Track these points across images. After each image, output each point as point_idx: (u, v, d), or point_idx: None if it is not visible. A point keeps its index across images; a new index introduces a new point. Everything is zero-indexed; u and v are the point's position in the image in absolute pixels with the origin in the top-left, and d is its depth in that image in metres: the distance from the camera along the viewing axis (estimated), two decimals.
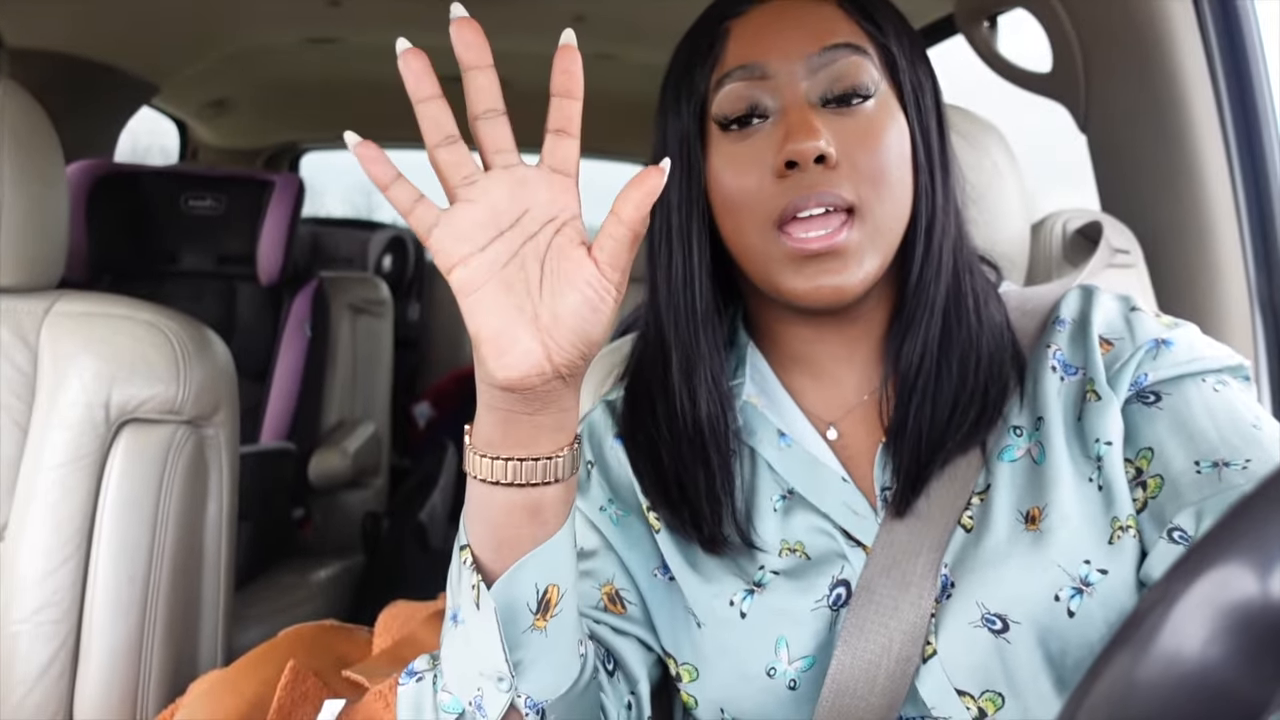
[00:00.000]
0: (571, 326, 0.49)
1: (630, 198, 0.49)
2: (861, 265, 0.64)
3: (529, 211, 0.49)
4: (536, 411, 0.52)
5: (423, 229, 0.49)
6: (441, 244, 0.49)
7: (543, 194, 0.49)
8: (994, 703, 0.62)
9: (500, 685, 0.56)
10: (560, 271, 0.49)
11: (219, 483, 1.18)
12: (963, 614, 0.62)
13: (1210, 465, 0.60)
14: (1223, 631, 0.33)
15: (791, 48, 0.66)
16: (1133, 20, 1.20)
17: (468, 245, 0.48)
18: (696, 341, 0.71)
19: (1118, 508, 0.62)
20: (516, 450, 0.53)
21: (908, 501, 0.66)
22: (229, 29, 2.22)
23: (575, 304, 0.49)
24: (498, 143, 0.49)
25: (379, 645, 1.06)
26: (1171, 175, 1.20)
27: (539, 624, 0.57)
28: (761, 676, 0.66)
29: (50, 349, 1.08)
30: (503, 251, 0.49)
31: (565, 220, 0.50)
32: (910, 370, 0.68)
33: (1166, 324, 0.68)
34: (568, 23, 0.48)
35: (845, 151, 0.64)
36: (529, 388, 0.50)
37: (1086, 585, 0.61)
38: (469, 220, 0.48)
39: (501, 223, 0.49)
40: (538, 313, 0.49)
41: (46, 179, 1.08)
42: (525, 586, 0.56)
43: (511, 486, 0.53)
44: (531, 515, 0.55)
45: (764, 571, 0.69)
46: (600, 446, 0.78)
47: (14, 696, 1.03)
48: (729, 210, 0.67)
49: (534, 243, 0.49)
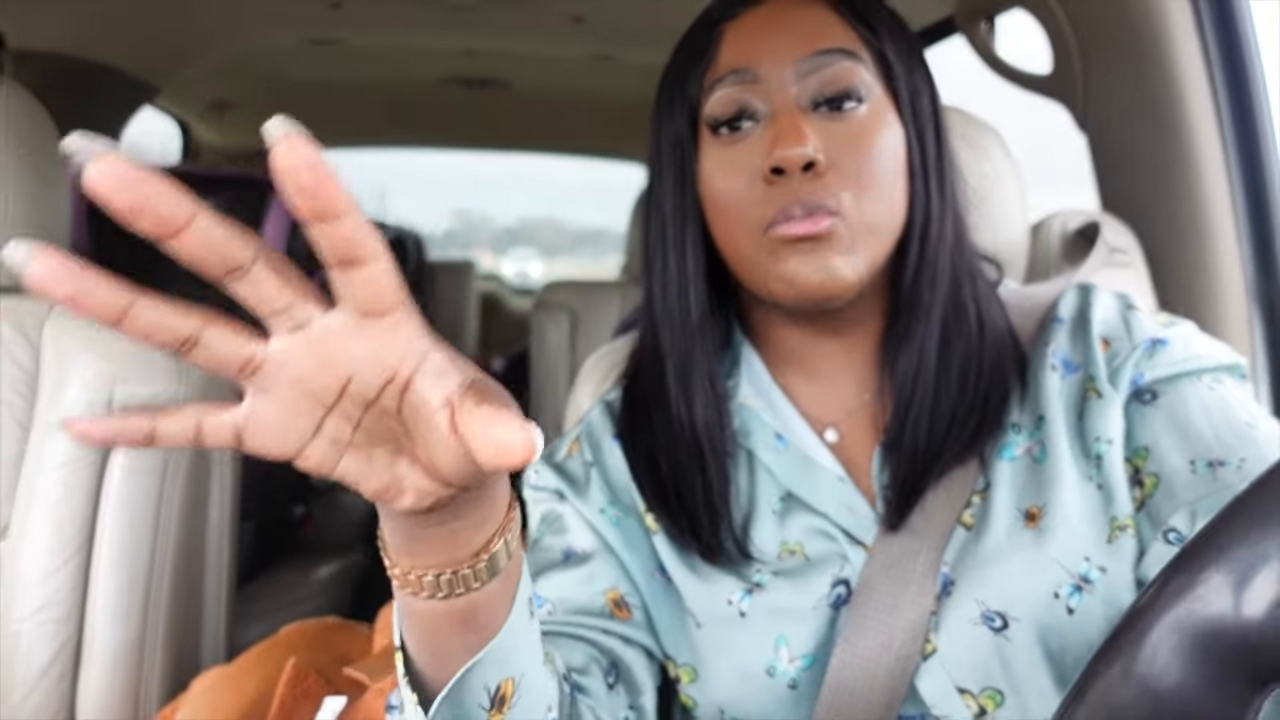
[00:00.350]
0: (459, 478, 0.38)
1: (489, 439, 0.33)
2: (848, 256, 0.63)
3: (355, 375, 0.35)
4: (450, 520, 0.42)
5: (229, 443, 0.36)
6: (263, 447, 0.36)
7: (364, 347, 0.35)
8: (994, 700, 0.62)
9: None
10: (427, 438, 0.37)
11: (220, 482, 1.18)
12: (962, 612, 0.62)
13: (1205, 465, 0.60)
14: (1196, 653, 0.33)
15: (782, 52, 0.66)
16: (1131, 20, 1.20)
17: (291, 440, 0.36)
18: (691, 347, 0.71)
19: (1117, 507, 0.63)
20: (437, 559, 0.43)
21: (902, 514, 0.66)
22: (230, 30, 2.22)
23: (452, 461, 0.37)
24: (268, 304, 0.34)
25: (380, 643, 1.06)
26: (1170, 174, 1.21)
27: (495, 718, 0.49)
28: (761, 676, 0.66)
29: (52, 348, 1.08)
30: (340, 427, 0.37)
31: (408, 375, 0.36)
32: (906, 383, 0.68)
33: (1163, 322, 0.68)
34: (566, 24, 0.46)
35: (833, 156, 0.63)
36: (438, 510, 0.40)
37: (1086, 583, 0.61)
38: (273, 413, 0.35)
39: (323, 399, 0.36)
40: (417, 456, 0.38)
41: (48, 179, 1.09)
42: (474, 691, 0.48)
43: (436, 599, 0.44)
44: (464, 624, 0.45)
45: (763, 573, 0.69)
46: (599, 447, 0.77)
47: (16, 696, 1.04)
48: (720, 213, 0.67)
49: (378, 407, 0.37)
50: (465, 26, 2.16)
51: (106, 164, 0.29)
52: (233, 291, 0.33)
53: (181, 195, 0.31)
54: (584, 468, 0.77)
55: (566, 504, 0.75)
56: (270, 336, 0.35)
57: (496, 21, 2.08)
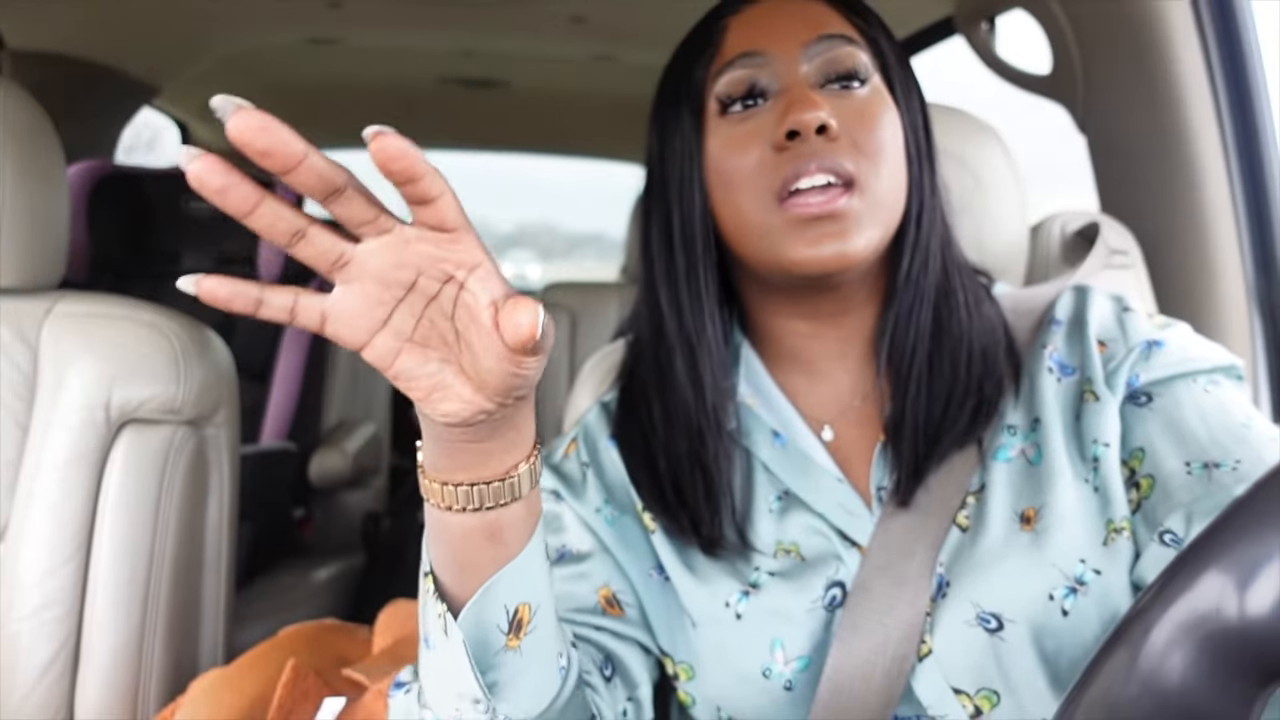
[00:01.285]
0: (498, 385, 0.45)
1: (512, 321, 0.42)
2: (862, 232, 0.64)
3: (422, 274, 0.44)
4: (485, 438, 0.48)
5: (315, 325, 0.44)
6: (338, 334, 0.44)
7: (433, 251, 0.43)
8: (990, 701, 0.62)
9: (478, 707, 0.55)
10: (472, 335, 0.44)
11: (219, 483, 1.18)
12: (958, 613, 0.63)
13: (1200, 466, 0.60)
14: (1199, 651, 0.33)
15: (788, 36, 0.68)
16: (1131, 21, 1.20)
17: (364, 326, 0.44)
18: (702, 331, 0.71)
19: (1113, 509, 0.63)
20: (468, 475, 0.50)
21: (911, 491, 0.66)
22: (229, 30, 2.22)
23: (493, 368, 0.44)
24: (358, 217, 0.42)
25: (379, 644, 1.06)
26: (1170, 176, 1.21)
27: (512, 644, 0.55)
28: (757, 677, 0.66)
29: (51, 349, 1.08)
30: (405, 320, 0.44)
31: (465, 278, 0.44)
32: (904, 361, 0.69)
33: (1159, 324, 0.69)
34: (565, 24, 0.47)
35: (845, 127, 0.65)
36: (475, 424, 0.47)
37: (1081, 585, 0.61)
38: (354, 301, 0.44)
39: (395, 293, 0.44)
40: (462, 365, 0.45)
41: (47, 180, 1.09)
42: (494, 609, 0.53)
43: (466, 512, 0.50)
44: (490, 538, 0.52)
45: (759, 573, 0.69)
46: (595, 447, 0.78)
47: (15, 696, 1.04)
48: (728, 190, 0.68)
49: (438, 304, 0.45)
50: (465, 26, 2.16)
51: (245, 115, 0.37)
52: (331, 210, 0.41)
53: (297, 138, 0.38)
54: (580, 468, 0.77)
55: (563, 504, 0.75)
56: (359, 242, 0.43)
57: (496, 22, 2.09)
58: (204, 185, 0.39)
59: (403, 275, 0.43)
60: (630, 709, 0.69)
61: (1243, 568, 0.33)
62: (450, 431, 0.48)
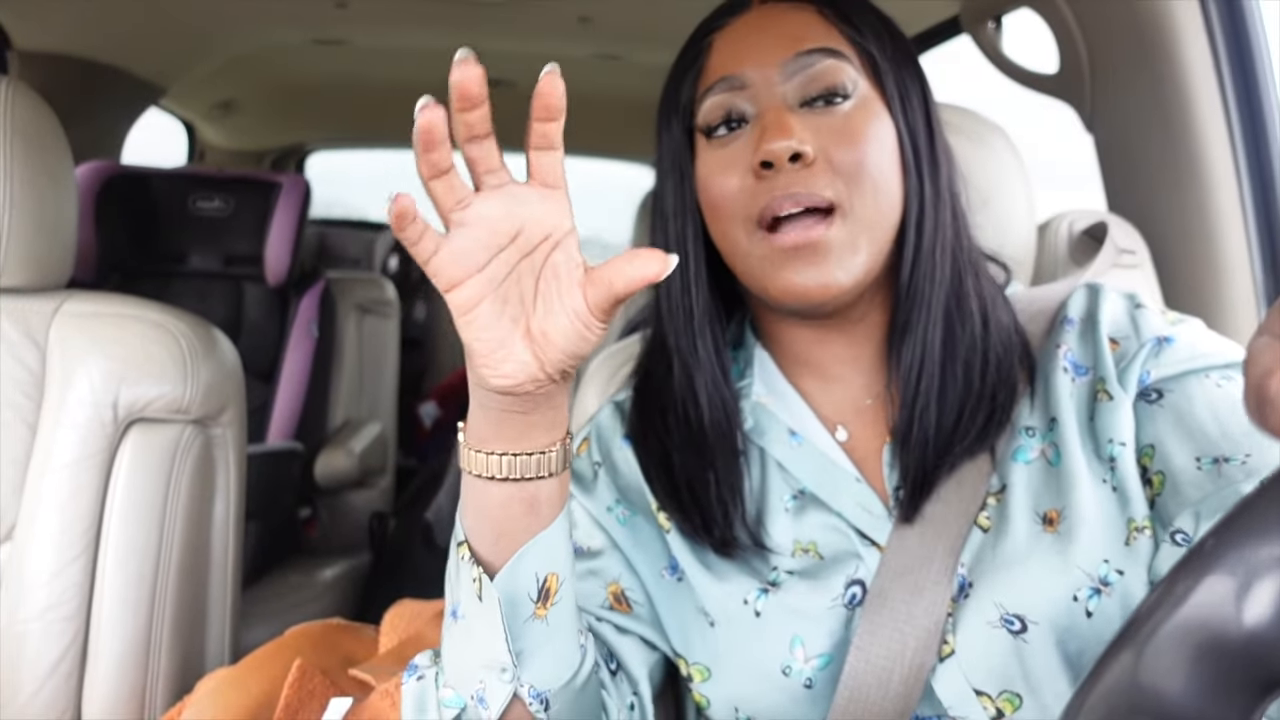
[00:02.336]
0: (561, 345, 0.50)
1: (624, 272, 0.49)
2: (844, 261, 0.64)
3: (524, 229, 0.50)
4: (530, 411, 0.53)
5: (424, 258, 0.49)
6: (440, 269, 0.49)
7: (536, 210, 0.50)
8: (1012, 703, 0.61)
9: (503, 676, 0.57)
10: (553, 293, 0.50)
11: (226, 482, 1.18)
12: (981, 614, 0.62)
13: (1210, 461, 0.59)
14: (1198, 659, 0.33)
15: (766, 55, 0.67)
16: (1138, 20, 1.20)
17: (466, 267, 0.49)
18: (695, 348, 0.72)
19: (1133, 508, 0.62)
20: (511, 446, 0.54)
21: (916, 507, 0.66)
22: (236, 30, 2.23)
23: (564, 326, 0.50)
24: (488, 163, 0.49)
25: (385, 644, 1.06)
26: (1177, 175, 1.20)
27: (540, 613, 0.58)
28: (777, 675, 0.66)
29: (59, 349, 1.08)
30: (500, 268, 0.50)
31: (560, 238, 0.50)
32: (911, 374, 0.68)
33: (1170, 320, 0.68)
34: (573, 24, 0.48)
35: (823, 148, 0.64)
36: (524, 392, 0.52)
37: (1105, 585, 0.61)
38: (466, 243, 0.49)
39: (499, 241, 0.49)
40: (530, 326, 0.50)
41: (55, 180, 1.09)
42: (526, 576, 0.57)
43: (507, 481, 0.55)
44: (528, 508, 0.56)
45: (778, 571, 0.69)
46: (608, 447, 0.78)
47: (23, 694, 1.04)
48: (715, 214, 0.69)
49: (530, 259, 0.50)
50: (471, 26, 2.16)
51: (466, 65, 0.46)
52: (473, 151, 0.48)
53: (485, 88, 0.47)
54: (591, 467, 0.77)
55: (574, 501, 0.75)
56: (479, 191, 0.49)
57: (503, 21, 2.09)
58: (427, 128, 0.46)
59: (509, 226, 0.49)
60: (635, 702, 0.69)
61: (1242, 577, 0.32)
62: (501, 400, 0.52)
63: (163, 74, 2.31)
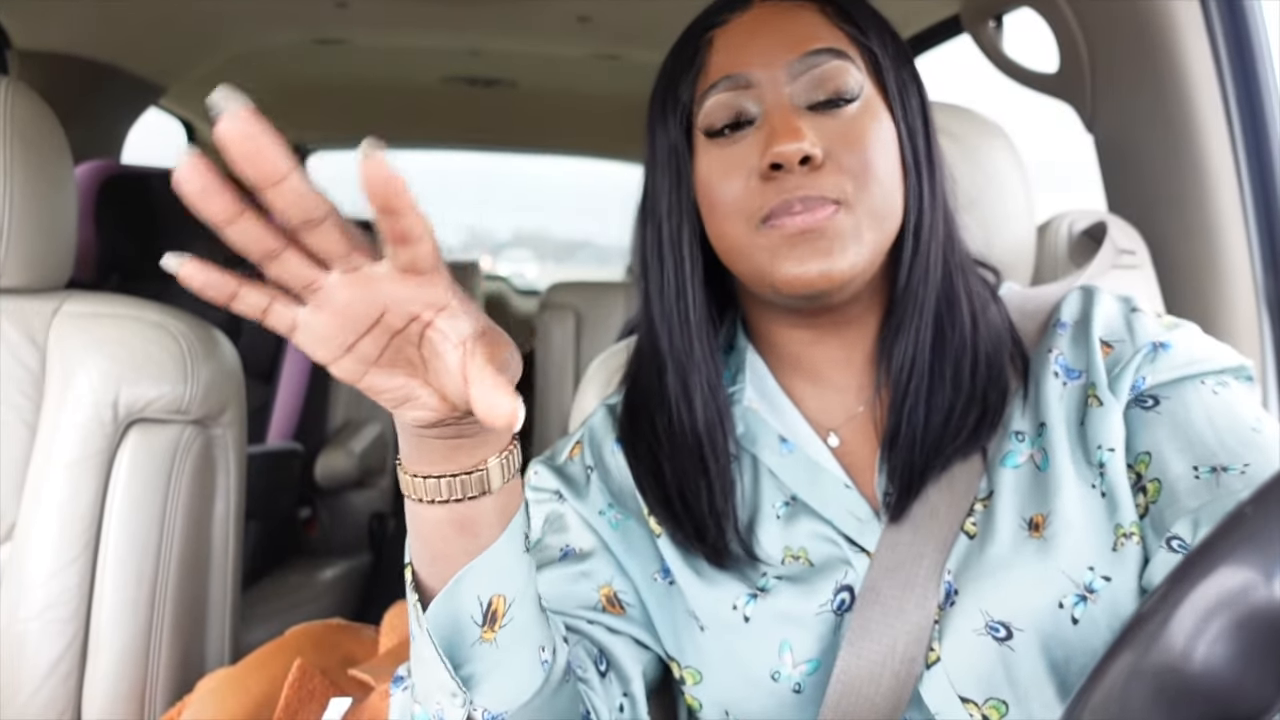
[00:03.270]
0: (462, 403, 0.46)
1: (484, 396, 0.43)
2: (848, 249, 0.63)
3: (387, 310, 0.43)
4: (453, 436, 0.49)
5: (284, 331, 0.44)
6: (305, 347, 0.44)
7: (398, 292, 0.43)
8: (998, 710, 0.61)
9: (454, 701, 0.55)
10: (438, 367, 0.45)
11: (226, 482, 1.18)
12: (966, 621, 0.62)
13: (1209, 470, 0.59)
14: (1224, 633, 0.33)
15: (773, 55, 0.66)
16: (1139, 20, 1.20)
17: (331, 348, 0.44)
18: (690, 350, 0.71)
19: (1121, 514, 0.62)
20: (437, 468, 0.51)
21: (904, 508, 0.65)
22: (235, 30, 2.22)
23: (460, 393, 0.45)
24: (330, 251, 0.41)
25: (385, 644, 1.06)
26: (1178, 175, 1.20)
27: (486, 636, 0.55)
28: (766, 680, 0.66)
29: (58, 349, 1.08)
30: (371, 348, 0.44)
31: (431, 318, 0.44)
32: (902, 374, 0.68)
33: (1166, 325, 0.68)
34: (572, 23, 0.47)
35: (830, 151, 0.64)
36: (442, 425, 0.48)
37: (1090, 592, 0.60)
38: (322, 326, 0.43)
39: (359, 325, 0.44)
40: (429, 381, 0.46)
41: (54, 180, 1.09)
42: (467, 599, 0.54)
43: (437, 504, 0.51)
44: (460, 530, 0.53)
45: (767, 577, 0.68)
46: (600, 451, 0.77)
47: (23, 694, 1.04)
48: (716, 215, 0.68)
49: (404, 335, 0.45)
50: (471, 26, 2.16)
51: (235, 119, 0.36)
52: (304, 240, 0.41)
53: (284, 154, 0.37)
54: (584, 470, 0.77)
55: (566, 504, 0.75)
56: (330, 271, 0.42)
57: (502, 21, 2.09)
58: (182, 184, 0.38)
59: (369, 311, 0.43)
60: (625, 704, 0.68)
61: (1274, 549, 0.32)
62: (420, 430, 0.49)
63: (163, 74, 2.31)
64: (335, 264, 0.42)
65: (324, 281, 0.42)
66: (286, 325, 0.43)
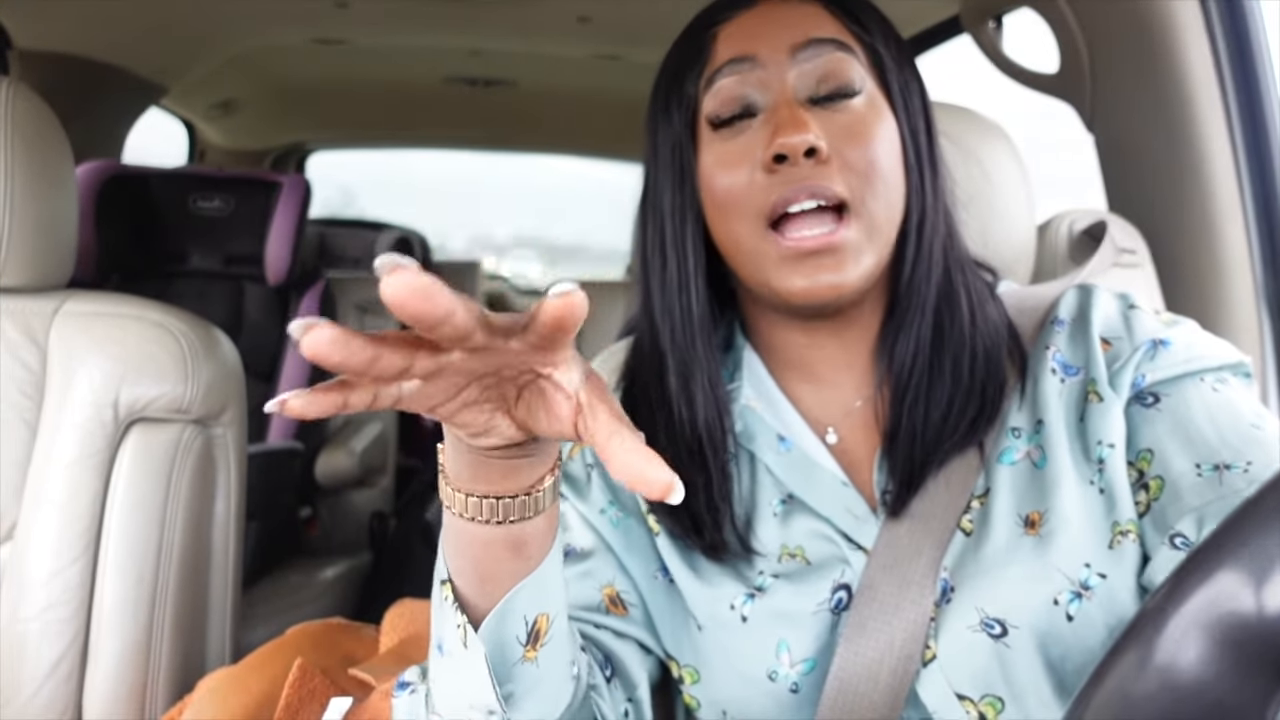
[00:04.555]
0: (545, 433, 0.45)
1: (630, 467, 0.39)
2: (859, 263, 0.64)
3: (505, 367, 0.42)
4: (513, 458, 0.48)
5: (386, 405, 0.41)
6: (410, 407, 0.42)
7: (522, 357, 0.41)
8: (994, 707, 0.61)
9: (490, 718, 0.54)
10: (538, 407, 0.43)
11: (226, 482, 1.18)
12: (962, 618, 0.62)
13: (1211, 468, 0.59)
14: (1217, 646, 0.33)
15: (778, 42, 0.66)
16: (1139, 19, 1.20)
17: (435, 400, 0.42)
18: (693, 347, 0.71)
19: (1119, 511, 0.62)
20: (493, 489, 0.49)
21: (904, 502, 0.66)
22: (236, 30, 2.23)
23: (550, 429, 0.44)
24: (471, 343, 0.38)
25: (386, 644, 1.06)
26: (1178, 174, 1.20)
27: (529, 655, 0.54)
28: (763, 680, 0.66)
29: (59, 348, 1.08)
30: (474, 394, 0.43)
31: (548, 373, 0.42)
32: (904, 370, 0.68)
33: (1165, 322, 0.68)
34: (572, 23, 0.46)
35: (835, 147, 0.64)
36: (508, 446, 0.46)
37: (1086, 589, 0.60)
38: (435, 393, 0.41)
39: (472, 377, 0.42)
40: (515, 414, 0.44)
41: (55, 180, 1.09)
42: (514, 621, 0.53)
43: (490, 524, 0.49)
44: (514, 551, 0.51)
45: (764, 576, 0.68)
46: None
47: (23, 694, 1.04)
48: (720, 210, 0.67)
49: (512, 382, 0.43)
50: (471, 26, 2.16)
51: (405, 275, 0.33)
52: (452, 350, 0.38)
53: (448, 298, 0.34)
54: (584, 469, 0.77)
55: (567, 503, 0.75)
56: None
57: (502, 21, 2.09)
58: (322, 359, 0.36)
59: (485, 370, 0.41)
60: (630, 709, 0.68)
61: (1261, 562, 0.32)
62: (482, 453, 0.47)
63: (163, 74, 2.31)
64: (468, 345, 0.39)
65: (449, 361, 0.39)
66: (392, 402, 0.41)
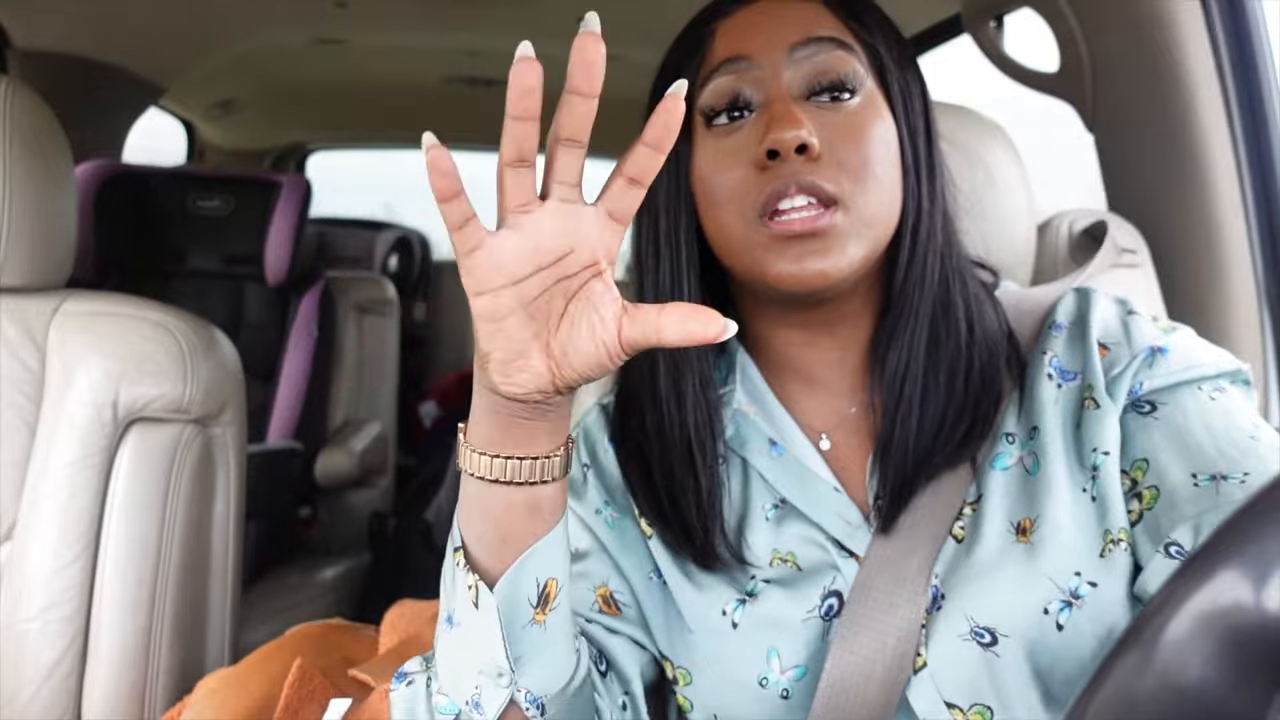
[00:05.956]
0: (578, 367, 0.50)
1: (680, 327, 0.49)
2: (845, 250, 0.63)
3: (573, 252, 0.48)
4: (537, 418, 0.53)
5: (464, 249, 0.47)
6: (476, 270, 0.47)
7: (593, 236, 0.48)
8: (983, 716, 0.61)
9: (500, 681, 0.57)
10: (582, 319, 0.49)
11: (226, 482, 1.18)
12: (952, 626, 0.62)
13: (1208, 478, 0.58)
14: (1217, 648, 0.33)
15: (775, 39, 0.66)
16: (1140, 19, 1.20)
17: (503, 276, 0.47)
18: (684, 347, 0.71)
19: (1111, 520, 0.61)
20: (516, 450, 0.54)
21: (894, 516, 0.65)
22: (236, 30, 2.23)
23: (587, 352, 0.50)
24: (567, 174, 0.47)
25: (385, 644, 1.06)
26: (1179, 174, 1.20)
27: (539, 618, 0.57)
28: (753, 686, 0.66)
29: (58, 348, 1.08)
30: (535, 286, 0.48)
31: (604, 267, 0.49)
32: (896, 380, 0.67)
33: (1163, 329, 0.67)
34: (571, 24, 0.46)
35: (828, 144, 0.63)
36: (532, 401, 0.51)
37: (1076, 598, 0.60)
38: (513, 250, 0.47)
39: (543, 259, 0.48)
40: (550, 343, 0.50)
41: (54, 179, 1.09)
42: (527, 581, 0.56)
43: (510, 485, 0.54)
44: (531, 512, 0.55)
45: (756, 581, 0.68)
46: (595, 450, 0.77)
47: (23, 695, 1.04)
48: (713, 205, 0.67)
49: (567, 283, 0.49)
50: (470, 26, 2.16)
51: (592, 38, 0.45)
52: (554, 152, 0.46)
53: None
54: (580, 470, 0.77)
55: None
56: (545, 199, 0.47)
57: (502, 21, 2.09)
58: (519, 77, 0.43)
59: (559, 244, 0.48)
60: (627, 702, 0.69)
61: (1262, 562, 0.32)
62: (510, 406, 0.52)
63: (163, 73, 2.31)
64: (560, 189, 0.47)
65: (538, 207, 0.47)
66: (473, 243, 0.47)
